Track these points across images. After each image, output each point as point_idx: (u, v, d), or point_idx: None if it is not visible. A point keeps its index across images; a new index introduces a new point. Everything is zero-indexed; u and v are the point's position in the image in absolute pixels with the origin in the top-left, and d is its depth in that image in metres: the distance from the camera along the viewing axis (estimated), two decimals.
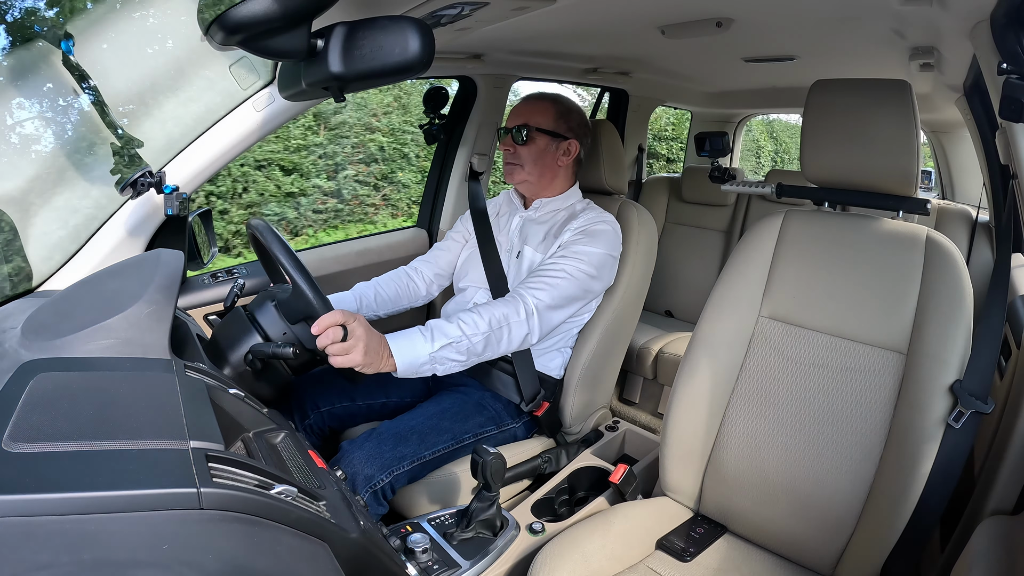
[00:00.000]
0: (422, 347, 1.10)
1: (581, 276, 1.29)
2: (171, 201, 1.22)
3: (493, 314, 1.19)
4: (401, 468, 1.17)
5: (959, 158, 2.86)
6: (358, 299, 1.41)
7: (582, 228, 1.35)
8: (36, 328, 0.80)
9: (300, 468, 0.73)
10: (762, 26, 1.47)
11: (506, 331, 1.20)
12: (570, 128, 1.44)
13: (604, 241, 1.33)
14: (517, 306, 1.22)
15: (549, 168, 1.43)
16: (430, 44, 0.76)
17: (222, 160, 1.30)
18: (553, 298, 1.25)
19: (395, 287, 1.49)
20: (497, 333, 1.19)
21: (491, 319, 1.18)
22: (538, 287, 1.25)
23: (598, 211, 1.41)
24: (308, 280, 1.01)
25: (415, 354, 1.09)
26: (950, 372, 0.94)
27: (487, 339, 1.17)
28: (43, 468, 0.49)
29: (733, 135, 3.50)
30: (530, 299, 1.23)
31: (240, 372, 1.02)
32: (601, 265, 1.32)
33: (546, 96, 1.45)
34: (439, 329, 1.13)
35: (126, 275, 0.91)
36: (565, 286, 1.27)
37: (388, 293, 1.47)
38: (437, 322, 1.15)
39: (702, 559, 1.06)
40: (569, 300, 1.29)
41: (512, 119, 1.44)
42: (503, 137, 1.44)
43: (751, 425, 1.11)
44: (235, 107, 1.27)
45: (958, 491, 0.94)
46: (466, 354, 1.15)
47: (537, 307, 1.23)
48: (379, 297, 1.44)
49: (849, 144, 1.07)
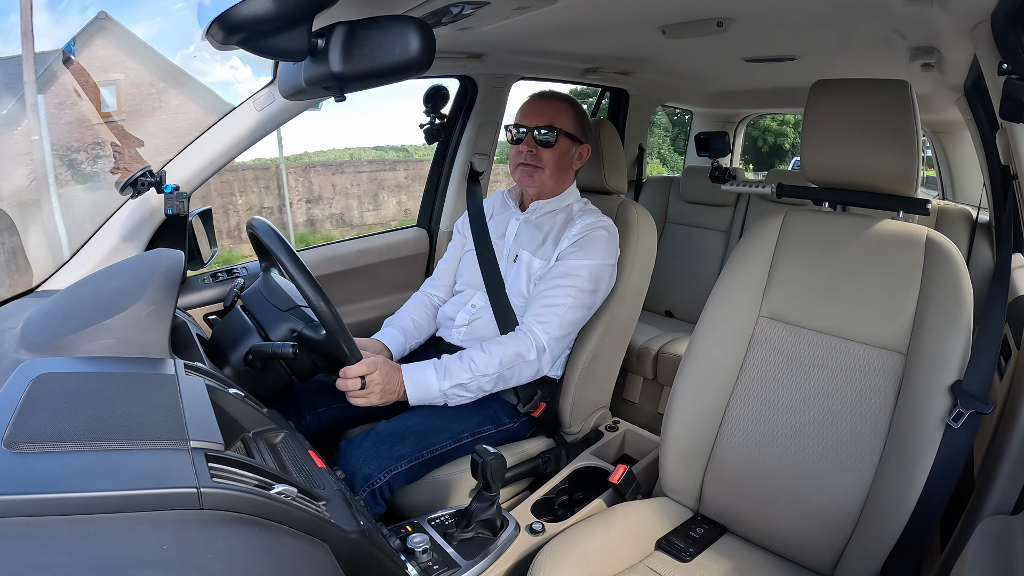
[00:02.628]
0: (434, 384, 1.19)
1: (582, 296, 1.30)
2: (171, 201, 1.22)
3: (505, 353, 1.22)
4: (399, 467, 1.17)
5: (959, 158, 2.86)
6: (402, 341, 1.44)
7: (579, 238, 1.33)
8: (36, 328, 0.80)
9: (300, 468, 0.73)
10: (763, 26, 1.46)
11: (517, 371, 1.25)
12: (584, 132, 1.42)
13: (601, 251, 1.32)
14: (528, 345, 1.25)
15: (565, 172, 1.41)
16: (431, 43, 0.75)
17: (222, 160, 1.30)
18: (562, 328, 1.29)
19: (425, 316, 1.52)
20: (507, 373, 1.24)
21: (502, 360, 1.22)
22: (547, 319, 1.27)
23: (595, 214, 1.39)
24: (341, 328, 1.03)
25: (427, 390, 1.19)
26: (950, 372, 0.94)
27: (497, 379, 1.23)
28: (43, 468, 0.49)
29: (733, 135, 3.50)
30: (541, 335, 1.26)
31: (240, 372, 1.02)
32: (599, 277, 1.32)
33: (564, 96, 1.42)
34: (451, 370, 1.20)
35: (126, 275, 0.91)
36: (571, 314, 1.29)
37: (421, 321, 1.50)
38: (450, 360, 1.21)
39: (702, 559, 1.06)
40: (576, 325, 1.33)
41: (532, 118, 1.37)
42: (521, 136, 1.37)
43: (751, 425, 1.11)
44: (235, 107, 1.27)
45: (958, 491, 0.94)
46: (476, 392, 1.23)
47: (548, 344, 1.26)
48: (420, 332, 1.49)
49: (849, 144, 1.06)
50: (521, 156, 1.38)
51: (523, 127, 1.37)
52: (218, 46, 0.75)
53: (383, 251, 1.91)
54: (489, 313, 1.39)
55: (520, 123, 1.38)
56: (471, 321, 1.41)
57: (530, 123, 1.36)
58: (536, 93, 1.45)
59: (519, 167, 1.39)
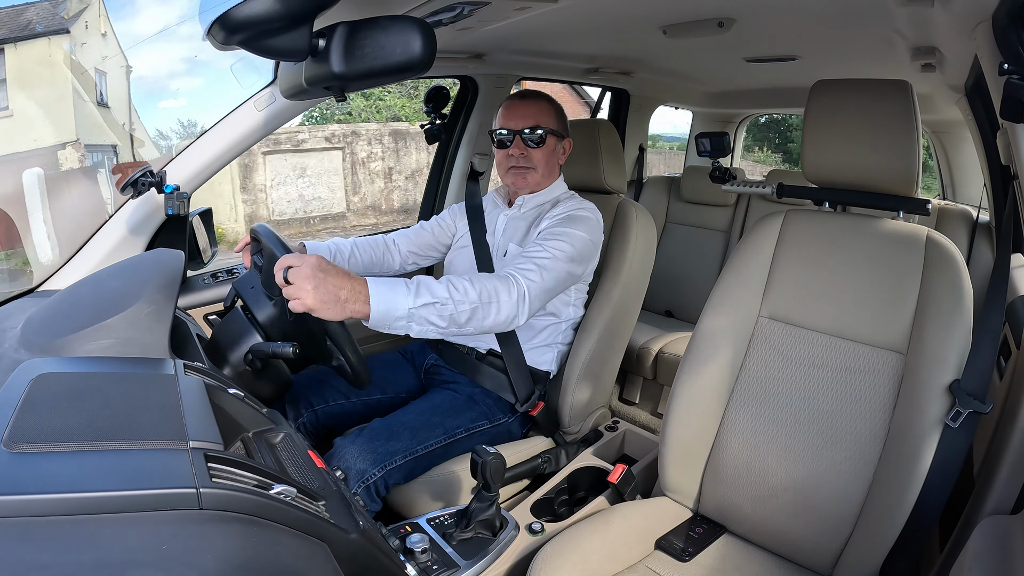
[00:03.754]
0: (403, 299, 0.99)
1: (564, 260, 1.23)
2: (171, 201, 1.22)
3: (484, 286, 1.09)
4: (393, 463, 1.17)
5: (960, 158, 2.86)
6: (332, 253, 1.39)
7: (564, 214, 1.32)
8: (36, 328, 0.80)
9: (299, 468, 0.73)
10: (763, 26, 1.46)
11: (494, 307, 1.10)
12: (565, 126, 1.43)
13: (586, 226, 1.30)
14: (509, 285, 1.13)
15: (553, 168, 1.43)
16: (431, 44, 0.76)
17: (223, 160, 1.30)
18: (545, 281, 1.19)
19: (371, 253, 1.48)
20: (485, 308, 1.09)
21: (482, 291, 1.08)
22: (530, 269, 1.18)
23: (579, 200, 1.40)
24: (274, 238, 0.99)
25: (393, 304, 0.99)
26: (949, 372, 0.94)
27: (473, 311, 1.07)
28: (43, 468, 0.49)
29: (733, 135, 3.50)
30: (523, 281, 1.15)
31: (240, 372, 1.02)
32: (583, 250, 1.28)
33: (542, 95, 1.42)
34: (425, 285, 1.03)
35: (126, 275, 0.91)
36: (553, 270, 1.20)
37: (363, 258, 1.46)
38: (425, 278, 1.05)
39: (701, 559, 1.06)
40: (557, 284, 1.23)
41: (518, 120, 1.36)
42: (508, 140, 1.37)
43: (750, 425, 1.11)
44: (236, 107, 1.27)
45: (957, 491, 0.94)
46: (447, 321, 1.05)
47: (530, 290, 1.15)
48: (353, 258, 1.44)
49: (850, 144, 1.06)
50: (512, 159, 1.38)
51: (508, 130, 1.36)
52: (219, 46, 0.76)
53: None
54: None
55: (505, 126, 1.37)
56: None
57: (516, 125, 1.36)
58: (514, 94, 1.45)
59: (510, 170, 1.39)
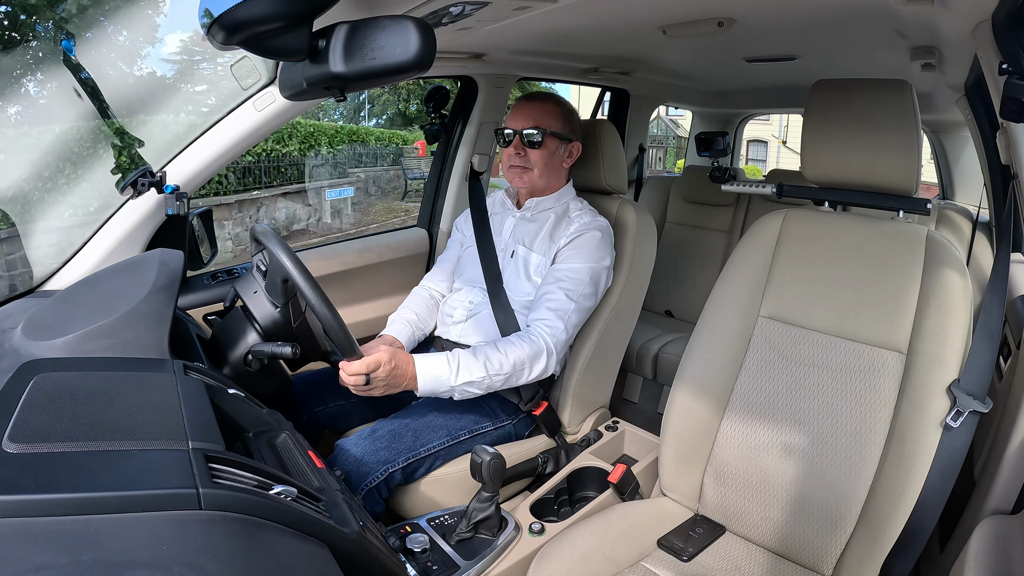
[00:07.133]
0: (445, 378, 1.18)
1: (583, 300, 1.33)
2: (171, 201, 1.22)
3: (519, 357, 1.24)
4: (396, 465, 1.17)
5: (959, 158, 2.86)
6: (412, 330, 1.46)
7: (575, 237, 1.36)
8: (36, 328, 0.80)
9: (300, 468, 0.73)
10: (763, 26, 1.46)
11: (526, 372, 1.27)
12: (573, 130, 1.44)
13: (596, 253, 1.35)
14: (540, 348, 1.27)
15: (555, 170, 1.43)
16: (431, 44, 0.75)
17: (223, 160, 1.30)
18: (567, 331, 1.32)
19: (428, 321, 1.53)
20: (518, 374, 1.26)
21: (515, 362, 1.24)
22: (553, 324, 1.30)
23: (591, 214, 1.42)
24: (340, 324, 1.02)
25: (438, 383, 1.18)
26: (949, 372, 0.94)
27: (507, 378, 1.24)
28: (43, 468, 0.49)
29: (734, 135, 3.49)
30: (550, 340, 1.28)
31: (240, 372, 1.02)
32: (596, 279, 1.36)
33: (550, 96, 1.44)
34: (465, 365, 1.19)
35: (126, 275, 0.91)
36: (575, 317, 1.33)
37: (426, 328, 1.51)
38: (464, 355, 1.20)
39: (701, 559, 1.06)
40: (580, 320, 1.36)
41: (519, 120, 1.40)
42: (509, 139, 1.40)
43: (750, 425, 1.11)
44: (236, 106, 1.27)
45: (957, 491, 0.94)
46: (485, 389, 1.23)
47: (556, 343, 1.29)
48: (421, 321, 1.50)
49: (850, 144, 1.06)
50: (511, 158, 1.41)
51: (511, 129, 1.40)
52: (219, 46, 0.75)
53: (383, 251, 1.91)
54: (487, 309, 1.40)
55: (508, 126, 1.42)
56: (469, 317, 1.42)
57: (517, 125, 1.39)
58: (523, 95, 1.48)
59: (510, 168, 1.43)
